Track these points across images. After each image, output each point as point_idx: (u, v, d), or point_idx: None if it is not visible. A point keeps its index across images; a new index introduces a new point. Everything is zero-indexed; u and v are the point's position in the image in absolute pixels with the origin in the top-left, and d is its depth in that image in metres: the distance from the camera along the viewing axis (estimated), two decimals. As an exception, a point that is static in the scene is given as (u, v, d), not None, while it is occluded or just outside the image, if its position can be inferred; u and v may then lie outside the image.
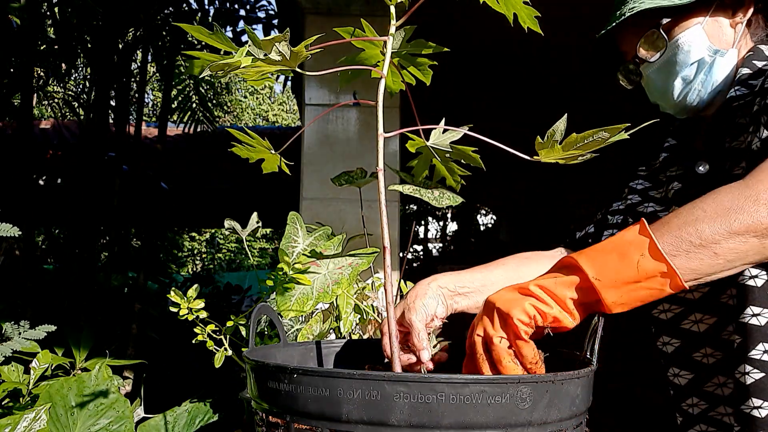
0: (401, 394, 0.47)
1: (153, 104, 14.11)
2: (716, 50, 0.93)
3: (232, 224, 1.00)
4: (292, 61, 0.61)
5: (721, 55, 0.93)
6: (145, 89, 4.17)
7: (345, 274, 0.70)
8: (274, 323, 0.80)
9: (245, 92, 20.64)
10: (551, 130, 0.57)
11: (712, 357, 0.89)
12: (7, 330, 1.36)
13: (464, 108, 4.91)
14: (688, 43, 0.93)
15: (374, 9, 2.71)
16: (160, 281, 3.96)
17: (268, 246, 18.90)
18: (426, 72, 0.75)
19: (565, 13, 3.06)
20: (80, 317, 3.05)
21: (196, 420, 1.52)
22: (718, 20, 0.94)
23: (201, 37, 0.59)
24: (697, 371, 0.92)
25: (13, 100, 3.68)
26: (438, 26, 2.65)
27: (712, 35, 0.94)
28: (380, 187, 0.64)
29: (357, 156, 2.67)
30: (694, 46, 0.93)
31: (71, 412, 1.39)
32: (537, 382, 0.49)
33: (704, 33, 0.94)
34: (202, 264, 17.91)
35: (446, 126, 0.70)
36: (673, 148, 1.05)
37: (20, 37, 2.56)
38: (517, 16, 0.62)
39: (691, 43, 0.93)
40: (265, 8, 6.38)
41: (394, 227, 2.63)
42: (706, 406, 0.91)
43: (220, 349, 0.96)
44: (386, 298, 0.62)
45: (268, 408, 0.55)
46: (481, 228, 10.20)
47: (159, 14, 3.40)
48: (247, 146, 0.71)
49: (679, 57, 0.94)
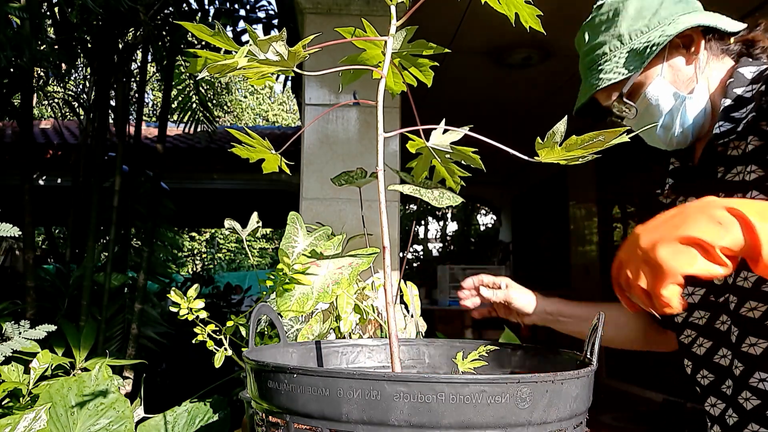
0: (401, 394, 0.47)
1: (153, 104, 14.11)
2: (683, 96, 0.96)
3: (232, 224, 1.00)
4: (290, 61, 0.61)
5: (689, 99, 0.96)
6: (145, 89, 4.17)
7: (345, 274, 0.70)
8: (274, 323, 0.80)
9: (245, 92, 20.65)
10: (551, 131, 0.57)
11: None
12: (7, 330, 1.36)
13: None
14: (655, 97, 0.97)
15: (374, 9, 2.71)
16: (160, 281, 3.95)
17: (268, 246, 18.91)
18: (427, 73, 0.75)
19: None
20: (80, 317, 3.05)
21: (196, 420, 1.53)
22: (675, 63, 0.97)
23: (203, 37, 0.59)
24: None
25: (13, 100, 3.67)
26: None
27: (674, 80, 0.97)
28: (380, 187, 0.64)
29: (357, 156, 2.67)
30: (661, 97, 0.96)
31: (71, 412, 1.39)
32: (537, 382, 0.49)
33: (666, 81, 0.97)
34: (202, 264, 17.91)
35: (446, 126, 0.70)
36: (676, 172, 1.08)
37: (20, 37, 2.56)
38: (518, 16, 0.63)
39: (657, 96, 0.97)
40: (265, 8, 6.39)
41: (394, 227, 2.63)
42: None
43: (220, 349, 0.96)
44: (386, 298, 0.62)
45: (268, 408, 0.55)
46: (481, 228, 10.21)
47: (159, 14, 3.39)
48: (247, 146, 0.71)
49: (651, 110, 0.98)
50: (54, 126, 6.73)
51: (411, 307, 1.17)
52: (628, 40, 0.97)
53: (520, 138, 1.50)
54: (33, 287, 2.94)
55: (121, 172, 3.42)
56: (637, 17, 0.97)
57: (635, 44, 0.96)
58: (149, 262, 3.43)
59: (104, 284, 3.23)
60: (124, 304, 3.41)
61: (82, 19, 3.27)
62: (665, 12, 0.96)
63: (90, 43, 3.52)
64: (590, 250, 6.38)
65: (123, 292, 3.52)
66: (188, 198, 6.25)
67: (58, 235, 7.39)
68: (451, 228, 10.22)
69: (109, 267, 3.28)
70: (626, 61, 0.96)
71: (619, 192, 5.89)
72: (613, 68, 0.97)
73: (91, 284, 3.17)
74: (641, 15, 0.97)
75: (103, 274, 3.28)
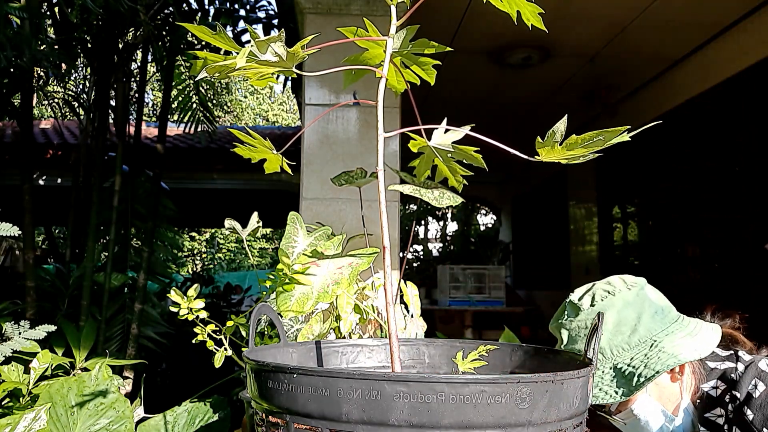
0: (401, 394, 0.47)
1: (153, 104, 14.11)
2: (670, 417, 0.98)
3: (232, 224, 1.00)
4: (289, 61, 0.60)
5: (676, 418, 0.99)
6: (145, 89, 4.17)
7: (345, 274, 0.70)
8: (274, 323, 0.80)
9: (245, 92, 20.65)
10: (551, 130, 0.57)
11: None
12: (7, 330, 1.36)
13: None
14: (643, 414, 0.99)
15: (375, 9, 2.71)
16: (160, 281, 3.95)
17: (268, 246, 18.90)
18: (430, 71, 0.74)
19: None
20: (80, 317, 3.05)
21: (196, 420, 1.52)
22: (660, 381, 0.99)
23: (204, 37, 0.59)
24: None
25: (13, 100, 3.67)
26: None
27: (660, 397, 0.99)
28: (380, 187, 0.63)
29: (357, 156, 2.67)
30: (649, 415, 0.99)
31: (71, 412, 1.39)
32: (537, 382, 0.49)
33: (652, 398, 0.99)
34: (202, 264, 17.91)
35: (447, 126, 0.70)
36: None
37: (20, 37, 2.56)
38: (520, 14, 0.62)
39: (645, 414, 0.99)
40: (265, 8, 6.39)
41: (394, 227, 2.63)
42: None
43: (220, 349, 0.96)
44: (386, 298, 0.62)
45: (268, 408, 0.55)
46: (481, 228, 10.20)
47: (159, 14, 3.39)
48: (249, 146, 0.71)
49: (641, 426, 1.00)
50: (54, 126, 6.73)
51: (411, 307, 1.17)
52: (610, 355, 0.98)
53: (520, 138, 1.50)
54: (33, 287, 2.94)
55: (121, 172, 3.42)
56: (615, 332, 0.98)
57: (618, 362, 0.97)
58: (149, 262, 3.43)
59: (104, 284, 3.23)
60: (124, 304, 3.41)
61: (82, 19, 3.27)
62: (643, 330, 0.98)
63: (90, 43, 3.51)
64: (590, 250, 6.38)
65: (123, 292, 3.52)
66: (188, 198, 6.25)
67: (58, 235, 7.40)
68: (451, 228, 10.21)
69: (109, 267, 3.28)
70: (613, 381, 0.96)
71: (619, 192, 5.89)
72: (599, 384, 0.97)
73: (91, 284, 3.17)
74: (619, 330, 0.98)
75: (103, 274, 3.28)
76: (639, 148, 1.25)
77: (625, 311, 0.99)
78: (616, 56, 4.14)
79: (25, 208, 2.97)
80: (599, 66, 4.31)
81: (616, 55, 4.11)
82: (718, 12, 3.53)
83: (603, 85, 4.62)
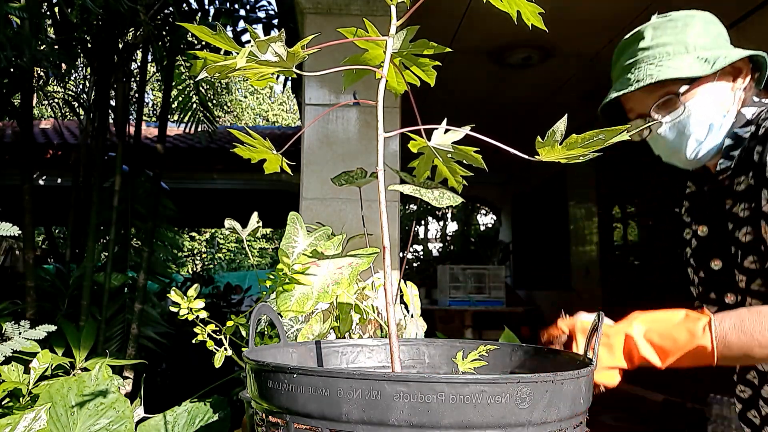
0: (401, 394, 0.47)
1: (153, 104, 14.11)
2: (722, 114, 1.03)
3: (232, 224, 0.99)
4: (288, 61, 0.60)
5: (724, 117, 1.03)
6: (145, 89, 4.17)
7: (345, 274, 0.70)
8: (274, 323, 0.80)
9: (245, 92, 20.65)
10: (551, 130, 0.57)
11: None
12: (7, 330, 1.36)
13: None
14: (702, 107, 1.03)
15: (374, 9, 2.71)
16: (160, 281, 3.95)
17: (268, 246, 18.91)
18: (429, 72, 0.74)
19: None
20: (80, 317, 3.05)
21: (196, 420, 1.52)
22: (722, 85, 1.04)
23: (204, 37, 0.59)
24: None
25: (13, 100, 3.67)
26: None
27: (717, 99, 1.03)
28: (380, 187, 0.63)
29: (357, 156, 2.67)
30: (706, 109, 1.03)
31: (71, 412, 1.39)
32: (537, 382, 0.49)
33: (713, 97, 1.03)
34: (202, 264, 17.91)
35: (447, 126, 0.70)
36: (691, 197, 1.18)
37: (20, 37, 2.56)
38: (520, 14, 0.62)
39: (704, 107, 1.03)
40: (265, 8, 6.39)
41: (394, 227, 2.63)
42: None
43: (220, 349, 0.96)
44: (386, 298, 0.62)
45: (268, 408, 0.55)
46: (481, 228, 10.20)
47: (159, 14, 3.39)
48: (249, 146, 0.71)
49: (693, 119, 1.03)
50: (54, 126, 6.73)
51: (411, 307, 1.17)
52: (692, 49, 1.03)
53: (520, 138, 1.50)
54: (33, 287, 2.94)
55: (121, 172, 3.42)
56: (702, 33, 1.04)
57: (699, 54, 1.02)
58: (149, 262, 3.43)
59: (104, 284, 3.23)
60: (124, 304, 3.41)
61: (82, 19, 3.27)
62: (722, 40, 1.05)
63: (90, 43, 3.51)
64: (590, 250, 6.38)
65: (123, 292, 3.52)
66: (188, 198, 6.25)
67: (58, 235, 7.40)
68: (451, 228, 10.21)
69: (109, 267, 3.28)
70: (690, 65, 1.01)
71: (619, 192, 5.89)
72: (679, 66, 1.01)
73: (91, 284, 3.17)
74: (707, 32, 1.04)
75: (103, 274, 3.28)
76: (639, 147, 1.25)
77: (708, 26, 1.07)
78: (616, 56, 4.13)
79: (25, 208, 2.97)
80: (599, 66, 4.31)
81: (616, 55, 4.11)
82: (718, 13, 3.52)
83: (603, 85, 4.61)
